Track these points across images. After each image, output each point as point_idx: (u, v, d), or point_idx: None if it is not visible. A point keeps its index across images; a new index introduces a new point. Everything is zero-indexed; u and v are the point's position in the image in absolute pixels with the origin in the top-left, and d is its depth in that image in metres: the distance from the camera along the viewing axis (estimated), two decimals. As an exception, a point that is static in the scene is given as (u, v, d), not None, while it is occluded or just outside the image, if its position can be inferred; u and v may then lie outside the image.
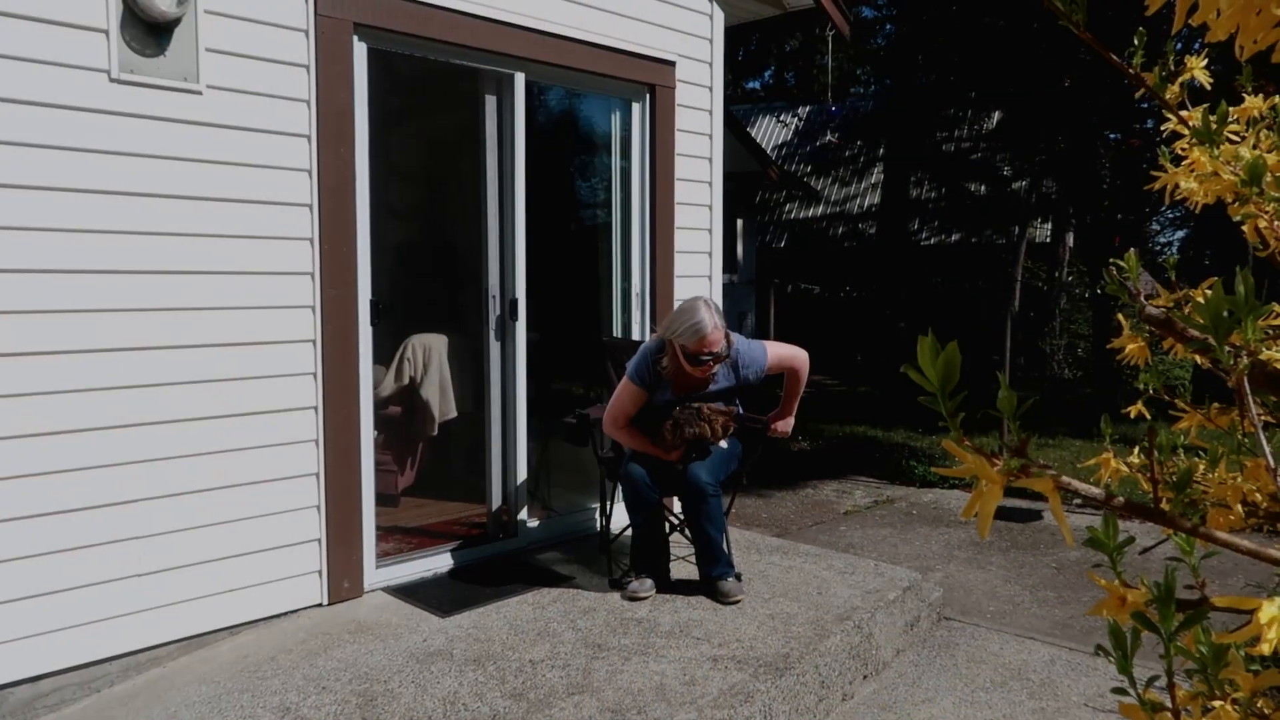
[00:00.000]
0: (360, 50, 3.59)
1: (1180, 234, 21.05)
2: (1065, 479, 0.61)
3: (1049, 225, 17.32)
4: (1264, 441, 0.76)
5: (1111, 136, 12.14)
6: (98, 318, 2.97)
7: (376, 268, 3.73)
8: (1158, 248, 21.08)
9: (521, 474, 4.29)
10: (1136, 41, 0.94)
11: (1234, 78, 1.06)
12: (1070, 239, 16.67)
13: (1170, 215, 18.14)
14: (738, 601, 3.66)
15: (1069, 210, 15.28)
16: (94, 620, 3.00)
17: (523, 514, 4.34)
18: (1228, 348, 0.64)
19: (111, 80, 2.96)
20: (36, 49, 2.81)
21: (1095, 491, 0.63)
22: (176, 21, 3.06)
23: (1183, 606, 0.67)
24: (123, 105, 2.99)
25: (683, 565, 4.09)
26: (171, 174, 3.10)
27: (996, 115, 16.62)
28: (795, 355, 3.89)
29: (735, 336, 3.71)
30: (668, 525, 4.11)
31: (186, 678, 3.02)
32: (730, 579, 3.74)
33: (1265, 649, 0.59)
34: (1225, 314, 0.61)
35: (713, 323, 3.57)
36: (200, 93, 3.15)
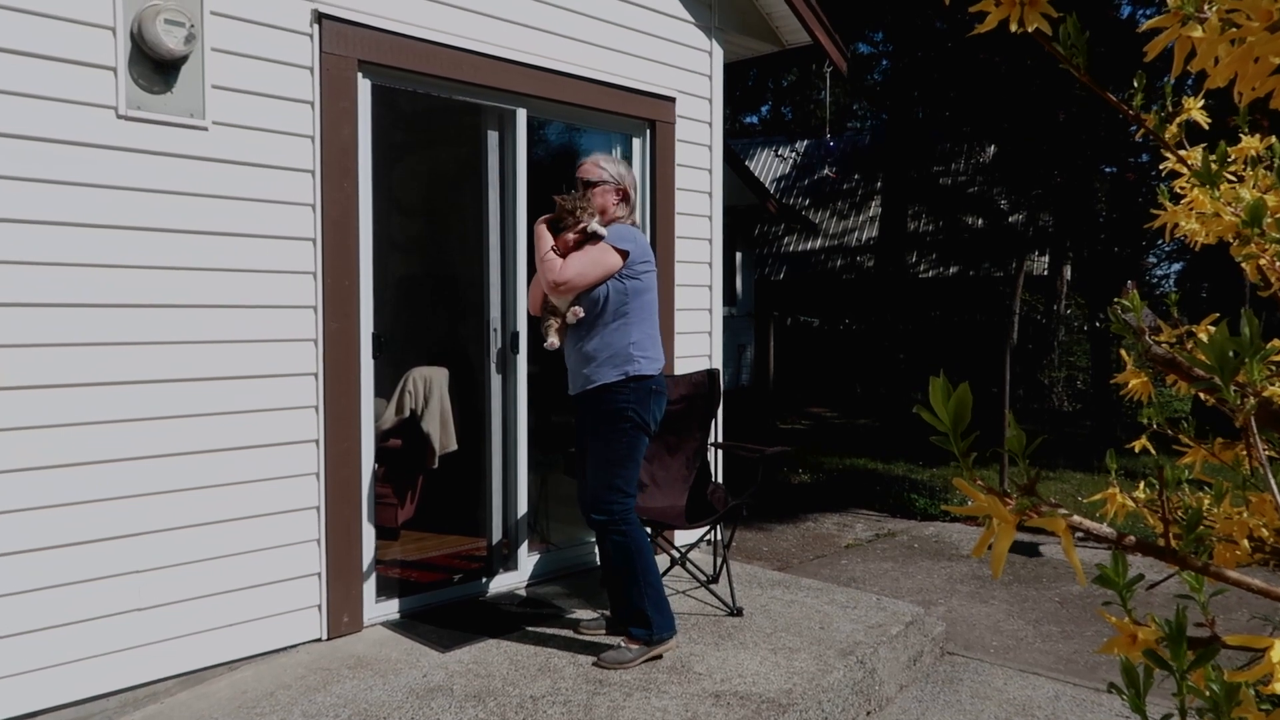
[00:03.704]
0: (364, 87, 3.63)
1: (1177, 267, 21.13)
2: (1077, 518, 0.61)
3: (1046, 258, 17.42)
4: (1271, 478, 0.77)
5: (1107, 170, 12.24)
6: (98, 351, 2.98)
7: (378, 301, 3.75)
8: (1155, 280, 21.16)
9: (522, 507, 4.28)
10: (1136, 84, 0.96)
11: (1229, 116, 1.07)
12: (1068, 271, 16.76)
13: (1167, 248, 18.24)
14: (611, 669, 3.30)
15: (1066, 243, 15.38)
16: (91, 655, 2.98)
17: (523, 547, 4.32)
18: (1233, 387, 0.64)
19: (119, 117, 2.99)
20: (47, 86, 2.85)
21: (1107, 531, 0.64)
22: (184, 59, 3.10)
23: (1193, 644, 0.68)
24: (130, 141, 3.02)
25: (684, 599, 4.07)
26: (177, 209, 3.13)
27: (993, 149, 16.77)
28: (579, 261, 3.28)
29: (624, 229, 3.38)
30: (669, 558, 4.09)
31: (184, 714, 2.99)
32: (618, 648, 3.35)
33: (1278, 688, 0.60)
34: (1230, 354, 0.62)
35: (594, 160, 3.47)
36: (206, 129, 3.18)
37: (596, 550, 4.43)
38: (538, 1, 4.17)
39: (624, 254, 3.31)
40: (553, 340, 3.41)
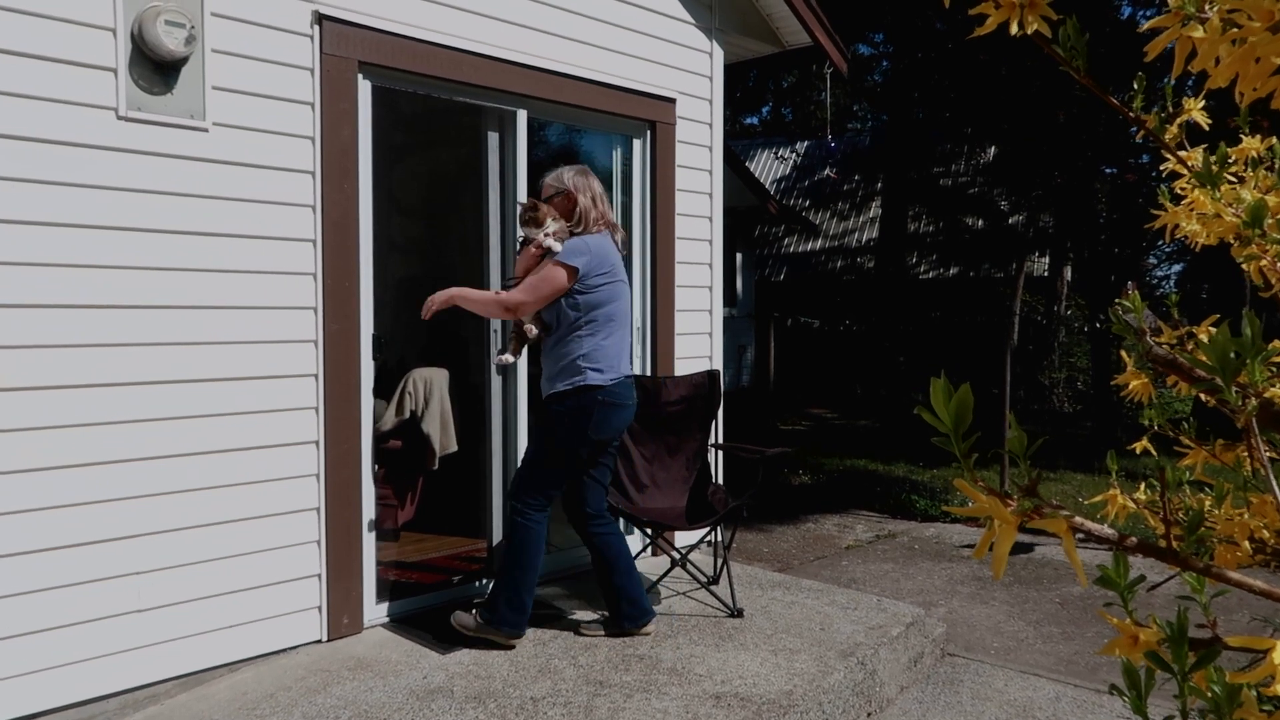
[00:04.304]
0: (364, 88, 3.63)
1: (1177, 268, 21.15)
2: (1078, 520, 0.61)
3: (1046, 259, 17.41)
4: (1272, 479, 0.77)
5: (1107, 171, 12.24)
6: (98, 352, 2.98)
7: (378, 302, 3.75)
8: (1155, 280, 21.17)
9: (522, 508, 4.27)
10: (1136, 85, 0.96)
11: (1229, 117, 1.07)
12: (1068, 272, 16.75)
13: (1167, 249, 18.24)
14: (462, 637, 3.47)
15: (1066, 244, 15.37)
16: (92, 657, 2.97)
17: (523, 549, 4.31)
18: (1235, 388, 0.64)
19: (119, 118, 2.99)
20: (47, 87, 2.85)
21: (1108, 532, 0.64)
22: (184, 61, 3.10)
23: (1195, 645, 0.68)
24: (130, 142, 3.02)
25: (685, 600, 4.07)
26: (178, 210, 3.13)
27: (993, 150, 16.78)
28: (529, 286, 3.39)
29: (579, 242, 3.43)
30: (670, 559, 4.09)
31: (184, 715, 2.98)
32: (472, 612, 3.50)
33: (1279, 689, 0.59)
34: (1232, 355, 0.62)
35: (555, 174, 3.56)
36: (206, 130, 3.18)
37: (597, 551, 4.43)
38: (538, 3, 4.17)
39: (573, 270, 3.38)
40: (505, 358, 3.61)
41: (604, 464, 3.66)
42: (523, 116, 4.18)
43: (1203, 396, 0.93)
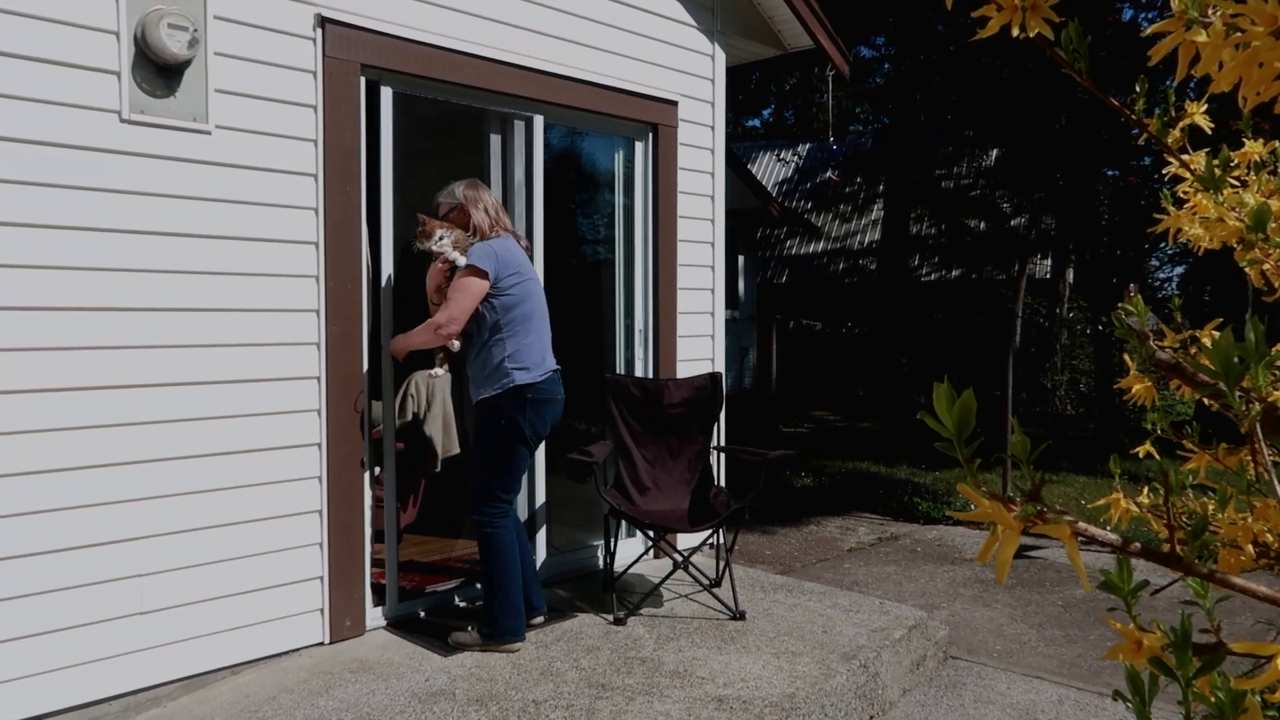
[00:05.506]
0: (368, 91, 3.63)
1: (1179, 270, 21.13)
2: (1081, 525, 0.61)
3: (1049, 261, 17.41)
4: (1276, 483, 0.77)
5: (1110, 173, 12.24)
6: (99, 355, 2.98)
7: (380, 304, 3.75)
8: (1157, 283, 21.16)
9: (524, 511, 4.27)
10: (1139, 88, 0.96)
11: (1231, 120, 1.07)
12: (1070, 275, 16.74)
13: (1169, 252, 18.24)
14: (453, 647, 3.48)
15: (1068, 246, 15.37)
16: (94, 659, 2.97)
17: (525, 551, 4.30)
18: (1238, 393, 0.64)
19: (122, 121, 3.00)
20: (50, 91, 2.85)
21: (1111, 537, 0.63)
22: (187, 63, 3.11)
23: (1199, 651, 0.67)
24: (132, 145, 3.02)
25: (687, 603, 4.06)
26: (180, 212, 3.13)
27: (995, 152, 16.77)
28: (450, 303, 3.43)
29: (482, 247, 3.45)
30: (672, 562, 4.09)
31: (186, 718, 2.99)
32: (469, 630, 3.52)
33: (1284, 695, 0.59)
34: (1235, 360, 0.62)
35: (447, 191, 3.62)
36: (209, 132, 3.19)
37: (599, 554, 4.44)
38: (539, 6, 4.17)
39: (483, 273, 3.41)
40: (435, 372, 3.71)
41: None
42: (523, 119, 4.19)
43: (1206, 400, 0.93)
